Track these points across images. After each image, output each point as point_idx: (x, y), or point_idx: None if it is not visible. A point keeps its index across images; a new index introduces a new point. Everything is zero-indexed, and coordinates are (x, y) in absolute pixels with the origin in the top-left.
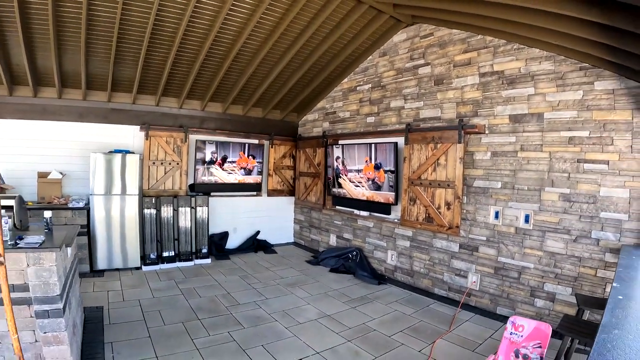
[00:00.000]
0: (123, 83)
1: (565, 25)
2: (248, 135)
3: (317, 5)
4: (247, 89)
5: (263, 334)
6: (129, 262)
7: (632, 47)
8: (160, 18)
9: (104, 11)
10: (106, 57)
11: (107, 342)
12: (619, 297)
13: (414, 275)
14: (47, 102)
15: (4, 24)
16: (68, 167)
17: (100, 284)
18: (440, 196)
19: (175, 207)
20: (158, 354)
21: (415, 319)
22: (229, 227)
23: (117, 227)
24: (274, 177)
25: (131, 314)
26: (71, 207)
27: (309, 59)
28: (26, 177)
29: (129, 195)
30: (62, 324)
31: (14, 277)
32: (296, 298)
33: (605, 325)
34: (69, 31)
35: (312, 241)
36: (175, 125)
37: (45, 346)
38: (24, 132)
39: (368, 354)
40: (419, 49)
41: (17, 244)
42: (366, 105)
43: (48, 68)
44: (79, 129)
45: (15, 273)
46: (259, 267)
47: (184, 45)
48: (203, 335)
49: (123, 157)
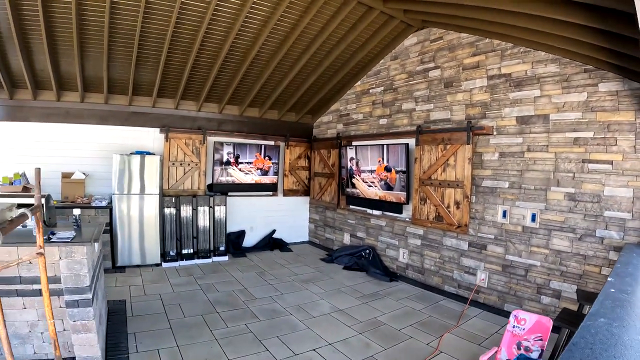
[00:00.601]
0: (143, 87)
1: (570, 30)
2: (264, 137)
3: (330, 11)
4: (263, 92)
5: (278, 326)
6: (149, 259)
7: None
8: (179, 24)
9: (125, 19)
10: (127, 62)
11: (130, 332)
12: (611, 289)
13: (425, 273)
14: (70, 105)
15: (29, 32)
16: (90, 167)
17: (122, 279)
18: (449, 196)
19: (194, 207)
20: (179, 343)
21: (424, 314)
22: (246, 226)
23: (138, 226)
24: (290, 178)
25: (152, 307)
26: (94, 206)
27: (322, 63)
28: (50, 178)
29: (150, 194)
30: (91, 313)
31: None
32: (310, 293)
33: (593, 314)
34: (92, 38)
35: (326, 240)
36: (193, 128)
37: (74, 334)
38: (48, 134)
39: (378, 346)
40: (429, 53)
41: (50, 239)
42: (379, 108)
43: (71, 73)
44: (101, 132)
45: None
46: (274, 265)
47: (203, 50)
48: (221, 327)
49: (144, 158)
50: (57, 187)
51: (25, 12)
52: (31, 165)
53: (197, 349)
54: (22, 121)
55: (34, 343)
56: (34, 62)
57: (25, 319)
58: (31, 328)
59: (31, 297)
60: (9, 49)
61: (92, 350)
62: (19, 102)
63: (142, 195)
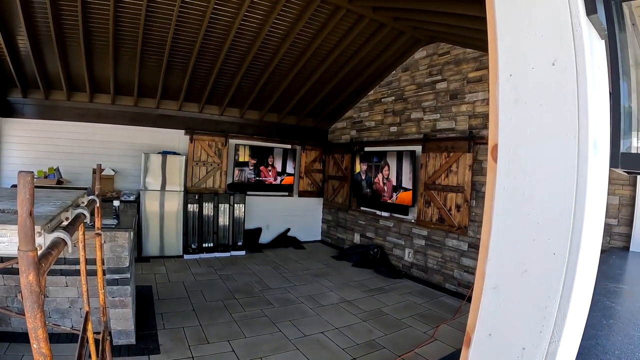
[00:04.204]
0: (171, 91)
1: None
2: (282, 141)
3: (345, 26)
4: (282, 99)
5: (291, 312)
6: (172, 251)
7: None
8: (208, 36)
9: (158, 28)
10: (157, 68)
11: (157, 313)
12: None
13: (428, 272)
14: (102, 107)
15: (68, 37)
16: (120, 165)
17: (148, 268)
18: (451, 199)
19: (215, 204)
20: (202, 323)
21: (424, 308)
22: (263, 224)
23: (163, 219)
24: (305, 180)
25: (176, 292)
26: (123, 200)
27: (339, 73)
28: (82, 173)
29: (175, 191)
30: (128, 291)
31: (91, 252)
32: (321, 286)
33: None
34: (126, 46)
35: (338, 239)
36: (216, 131)
37: (112, 308)
38: (80, 133)
39: (379, 332)
40: (437, 66)
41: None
42: (390, 116)
43: (104, 77)
44: (130, 132)
45: (93, 249)
46: (288, 260)
47: (228, 59)
48: (239, 311)
49: (170, 157)
50: (88, 182)
51: (65, 19)
52: (64, 161)
53: (218, 328)
54: (57, 120)
55: (72, 318)
56: (69, 66)
57: (67, 295)
58: (71, 304)
59: (73, 276)
60: (47, 52)
61: (126, 324)
62: (54, 102)
63: (168, 191)
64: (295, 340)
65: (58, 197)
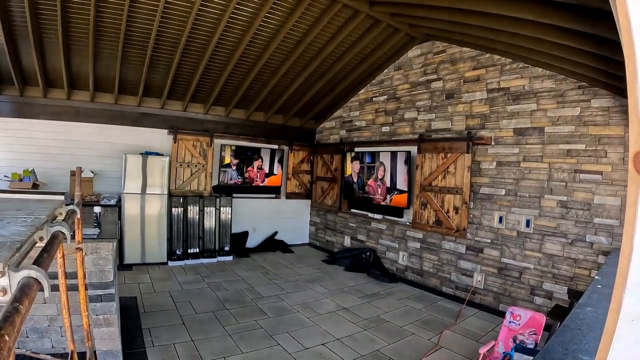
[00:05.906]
0: (153, 89)
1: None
2: (269, 141)
3: (338, 23)
4: (269, 98)
5: (287, 322)
6: (156, 258)
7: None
8: (194, 31)
9: (141, 23)
10: (140, 64)
11: (144, 327)
12: (598, 285)
13: (424, 275)
14: (80, 104)
15: (45, 31)
16: (99, 166)
17: (131, 277)
18: (449, 201)
19: (200, 207)
20: (193, 338)
21: (424, 313)
22: (249, 227)
23: (146, 224)
24: (292, 181)
25: (163, 303)
26: (103, 204)
27: (329, 71)
28: (59, 175)
29: (158, 194)
30: (113, 307)
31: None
32: (315, 293)
33: (581, 304)
34: (107, 40)
35: (327, 242)
36: (201, 130)
37: (96, 327)
38: (57, 132)
39: (383, 341)
40: (432, 65)
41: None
42: (381, 116)
43: (83, 73)
44: (110, 131)
45: (72, 261)
46: (278, 265)
47: (215, 55)
48: (233, 323)
49: (153, 158)
50: (65, 184)
51: (42, 10)
52: (40, 162)
53: (211, 344)
54: (32, 118)
55: (52, 337)
56: (46, 61)
57: (45, 313)
58: (50, 322)
59: (52, 292)
60: (23, 45)
61: (113, 344)
62: (29, 99)
63: (150, 194)
64: (297, 354)
65: (30, 209)
